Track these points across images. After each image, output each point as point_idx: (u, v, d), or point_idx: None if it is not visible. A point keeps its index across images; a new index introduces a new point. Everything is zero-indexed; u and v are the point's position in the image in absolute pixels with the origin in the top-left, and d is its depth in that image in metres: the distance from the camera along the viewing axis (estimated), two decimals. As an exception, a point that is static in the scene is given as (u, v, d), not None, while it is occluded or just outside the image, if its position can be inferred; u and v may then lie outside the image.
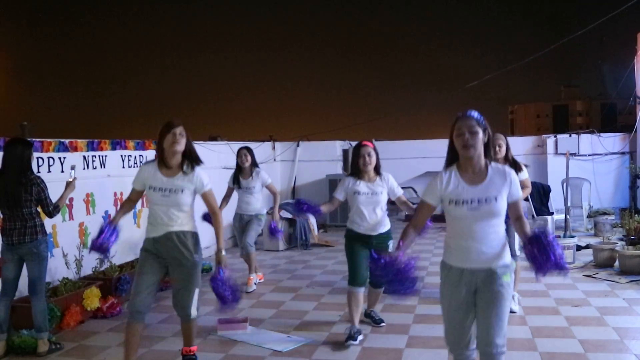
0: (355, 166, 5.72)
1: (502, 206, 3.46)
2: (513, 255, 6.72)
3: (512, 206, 3.52)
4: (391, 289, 3.60)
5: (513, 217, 3.56)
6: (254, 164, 7.84)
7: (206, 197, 4.77)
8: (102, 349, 5.61)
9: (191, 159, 4.70)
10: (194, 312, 4.74)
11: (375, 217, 5.67)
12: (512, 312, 6.72)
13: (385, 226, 5.75)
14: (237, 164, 7.84)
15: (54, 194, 6.86)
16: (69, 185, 5.79)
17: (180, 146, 4.60)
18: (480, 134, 3.46)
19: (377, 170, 5.74)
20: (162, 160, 4.66)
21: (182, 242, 4.62)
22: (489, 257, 3.46)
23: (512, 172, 3.56)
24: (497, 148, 6.24)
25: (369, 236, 5.66)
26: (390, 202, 5.99)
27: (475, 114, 3.53)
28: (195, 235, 4.73)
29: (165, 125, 4.63)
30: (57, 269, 6.72)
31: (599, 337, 5.51)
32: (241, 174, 7.81)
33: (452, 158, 3.58)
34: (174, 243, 4.61)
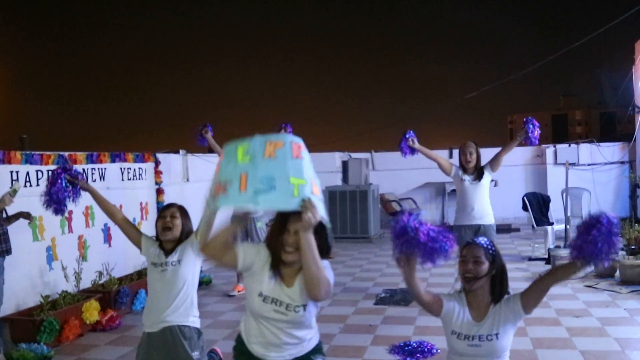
0: None
1: (505, 343, 3.09)
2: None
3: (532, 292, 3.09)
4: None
5: (547, 282, 3.07)
6: None
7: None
8: (101, 362, 5.59)
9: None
10: None
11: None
12: None
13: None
14: None
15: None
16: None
17: (174, 231, 3.95)
18: (486, 265, 3.06)
19: None
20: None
21: None
22: None
23: (508, 299, 3.12)
24: (468, 156, 6.82)
25: None
26: (391, 214, 5.98)
27: (484, 241, 3.15)
28: None
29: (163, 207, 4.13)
30: (56, 282, 6.70)
31: (600, 347, 5.48)
32: None
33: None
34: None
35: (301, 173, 2.79)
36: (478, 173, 6.87)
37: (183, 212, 4.02)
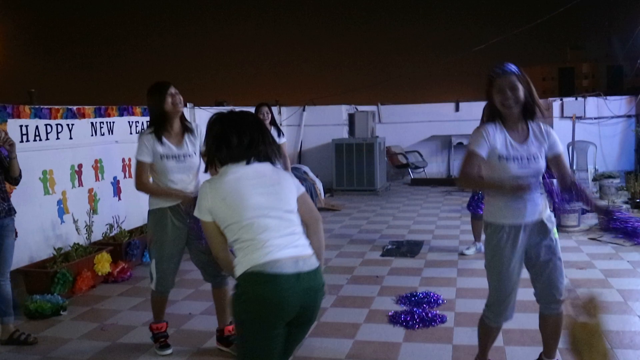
0: None
1: (543, 164, 3.51)
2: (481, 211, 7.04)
3: (554, 160, 3.54)
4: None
5: (557, 174, 3.59)
6: (272, 123, 7.75)
7: None
8: (113, 312, 5.71)
9: (186, 120, 4.62)
10: None
11: None
12: (462, 254, 7.18)
13: None
14: None
15: (62, 161, 6.95)
16: None
17: (182, 105, 4.48)
18: (521, 90, 3.37)
19: None
20: (164, 127, 4.43)
21: None
22: (540, 209, 3.56)
23: (549, 127, 3.57)
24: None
25: None
26: (397, 166, 6.06)
27: (514, 68, 3.42)
28: None
29: (158, 87, 4.41)
30: (68, 235, 6.79)
31: (603, 299, 5.56)
32: None
33: (493, 115, 3.48)
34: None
35: None
36: None
37: None
